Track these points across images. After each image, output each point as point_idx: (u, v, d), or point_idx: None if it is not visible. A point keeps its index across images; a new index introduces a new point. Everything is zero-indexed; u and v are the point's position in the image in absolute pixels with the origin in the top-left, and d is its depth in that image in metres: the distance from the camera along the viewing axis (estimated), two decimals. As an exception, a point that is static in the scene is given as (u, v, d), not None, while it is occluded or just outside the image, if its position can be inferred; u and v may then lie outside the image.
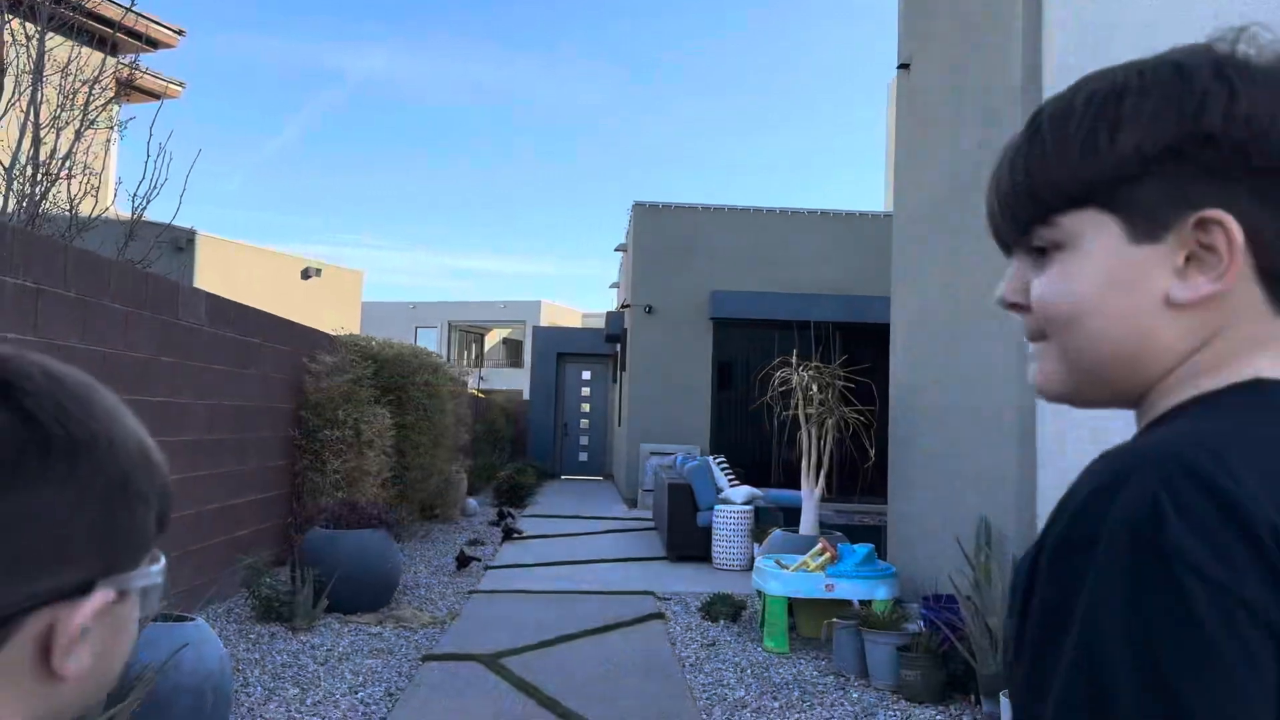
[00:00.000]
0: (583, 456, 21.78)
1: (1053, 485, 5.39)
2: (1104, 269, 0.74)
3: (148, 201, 6.40)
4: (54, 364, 0.65)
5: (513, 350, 48.56)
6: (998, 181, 0.80)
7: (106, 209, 6.89)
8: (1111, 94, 0.74)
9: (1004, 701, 4.22)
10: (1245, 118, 0.70)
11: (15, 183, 6.03)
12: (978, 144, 6.30)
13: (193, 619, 4.00)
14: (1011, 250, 0.82)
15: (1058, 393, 0.81)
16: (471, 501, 13.61)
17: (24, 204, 5.92)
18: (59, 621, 0.59)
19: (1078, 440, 5.17)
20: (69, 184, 6.25)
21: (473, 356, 44.71)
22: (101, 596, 0.61)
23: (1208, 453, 0.62)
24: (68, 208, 6.22)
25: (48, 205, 6.05)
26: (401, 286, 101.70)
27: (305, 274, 17.80)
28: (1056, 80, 5.42)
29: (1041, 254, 0.78)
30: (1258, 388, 0.70)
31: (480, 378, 33.12)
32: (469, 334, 45.80)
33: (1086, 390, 0.79)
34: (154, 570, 0.67)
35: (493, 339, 48.28)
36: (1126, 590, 0.59)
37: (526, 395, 24.17)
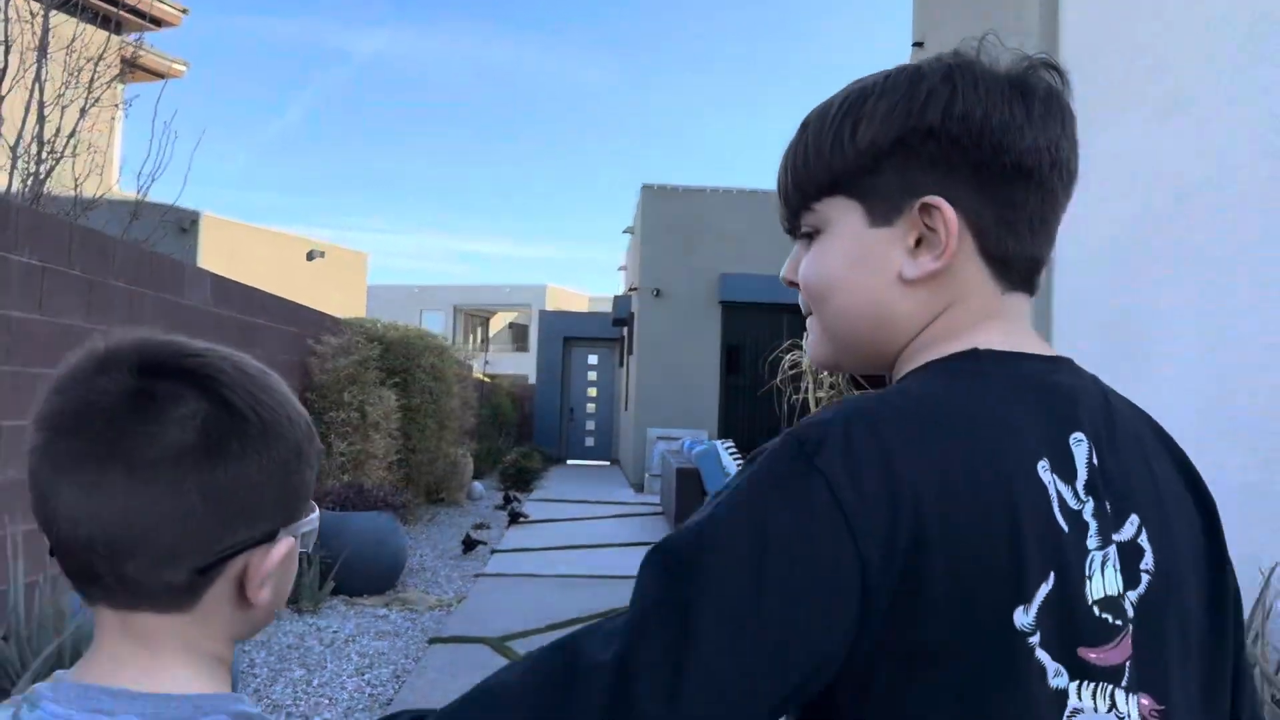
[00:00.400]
0: (589, 441, 21.77)
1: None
2: (848, 250, 0.82)
3: (152, 180, 6.36)
4: (238, 356, 0.80)
5: (518, 334, 48.56)
6: (778, 175, 0.89)
7: (111, 188, 6.85)
8: (859, 95, 0.82)
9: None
10: (961, 115, 0.77)
11: (20, 160, 5.99)
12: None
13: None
14: (794, 235, 0.91)
15: (822, 361, 0.90)
16: (477, 485, 13.60)
17: (29, 182, 5.88)
18: (252, 564, 0.77)
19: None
20: (73, 162, 6.21)
21: (478, 340, 44.72)
22: (285, 544, 0.78)
23: (889, 409, 0.72)
24: (72, 186, 6.18)
25: (52, 184, 6.01)
26: (406, 270, 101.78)
27: (310, 256, 17.76)
28: (1072, 57, 5.35)
29: (809, 238, 0.87)
30: (973, 356, 0.79)
31: (486, 362, 33.10)
32: (474, 318, 45.78)
33: (844, 358, 0.88)
34: (314, 517, 0.83)
35: (498, 323, 48.27)
36: (769, 466, 0.71)
37: (532, 379, 24.15)
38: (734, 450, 11.24)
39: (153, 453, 0.71)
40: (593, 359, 21.94)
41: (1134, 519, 0.77)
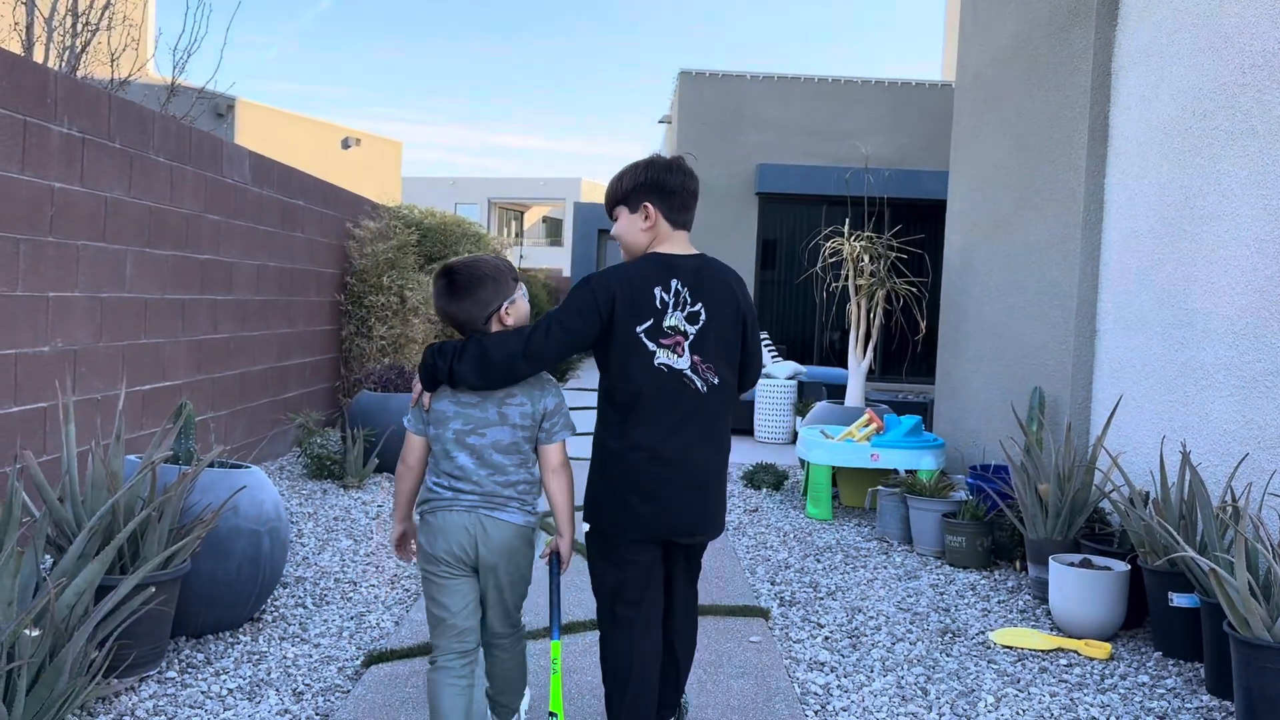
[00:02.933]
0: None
1: (1110, 357, 5.27)
2: (625, 223, 2.78)
3: (188, 56, 6.27)
4: (471, 257, 2.79)
5: (553, 229, 48.26)
6: (605, 195, 2.86)
7: (147, 62, 6.76)
8: (630, 169, 2.77)
9: (1052, 566, 4.20)
10: (654, 180, 2.73)
11: (55, 34, 5.91)
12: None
13: (248, 467, 4.05)
14: (610, 218, 2.85)
15: (625, 260, 2.81)
16: (514, 374, 13.69)
17: (65, 56, 5.81)
18: (504, 311, 2.71)
19: (1140, 312, 5.01)
20: (109, 36, 6.12)
21: (512, 234, 44.52)
22: (520, 294, 2.76)
23: (614, 269, 2.69)
24: (108, 60, 6.10)
25: (88, 60, 5.94)
26: (440, 163, 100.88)
27: (345, 144, 17.62)
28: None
29: (613, 219, 2.83)
30: (649, 256, 2.72)
31: (521, 256, 32.95)
32: (509, 211, 45.50)
33: (628, 259, 2.79)
34: (520, 289, 2.78)
35: (532, 217, 47.96)
36: (577, 286, 2.69)
37: (567, 273, 24.07)
38: (769, 342, 11.19)
39: (460, 293, 2.67)
40: (628, 252, 21.80)
41: (700, 305, 2.68)
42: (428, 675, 2.65)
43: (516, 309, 2.70)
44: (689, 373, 2.64)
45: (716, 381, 2.68)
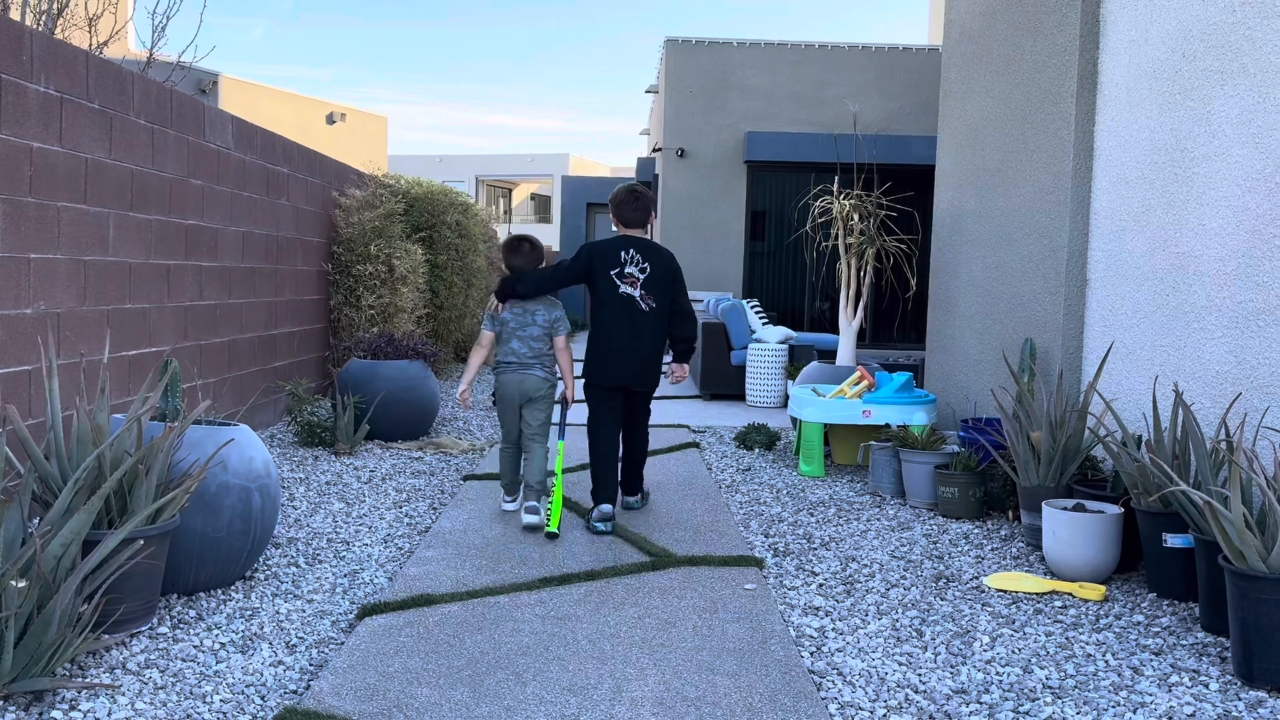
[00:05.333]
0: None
1: (1102, 306, 5.25)
2: (612, 223, 5.18)
3: (167, 19, 6.16)
4: (519, 234, 5.13)
5: (541, 206, 48.06)
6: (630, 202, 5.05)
7: (125, 24, 6.66)
8: (610, 199, 5.08)
9: (1046, 511, 4.20)
10: (614, 206, 5.01)
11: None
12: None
13: (235, 424, 4.01)
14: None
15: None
16: (504, 346, 13.66)
17: (41, 20, 5.71)
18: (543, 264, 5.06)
19: (1131, 259, 4.99)
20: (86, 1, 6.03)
21: (501, 211, 44.31)
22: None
23: (599, 241, 4.90)
24: (85, 25, 6.01)
25: (65, 22, 5.84)
26: (426, 143, 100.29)
27: (330, 119, 17.47)
28: None
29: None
30: (621, 237, 4.91)
31: (510, 233, 32.80)
32: (497, 188, 45.28)
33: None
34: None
35: (521, 194, 47.75)
36: (578, 250, 4.99)
37: (556, 249, 23.98)
38: (759, 308, 11.17)
39: (530, 253, 5.01)
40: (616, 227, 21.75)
41: (647, 263, 4.83)
42: (498, 449, 5.61)
43: (546, 263, 5.06)
44: (638, 298, 4.84)
45: (655, 305, 4.87)
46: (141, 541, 3.18)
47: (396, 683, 2.95)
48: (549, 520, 4.66)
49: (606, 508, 4.75)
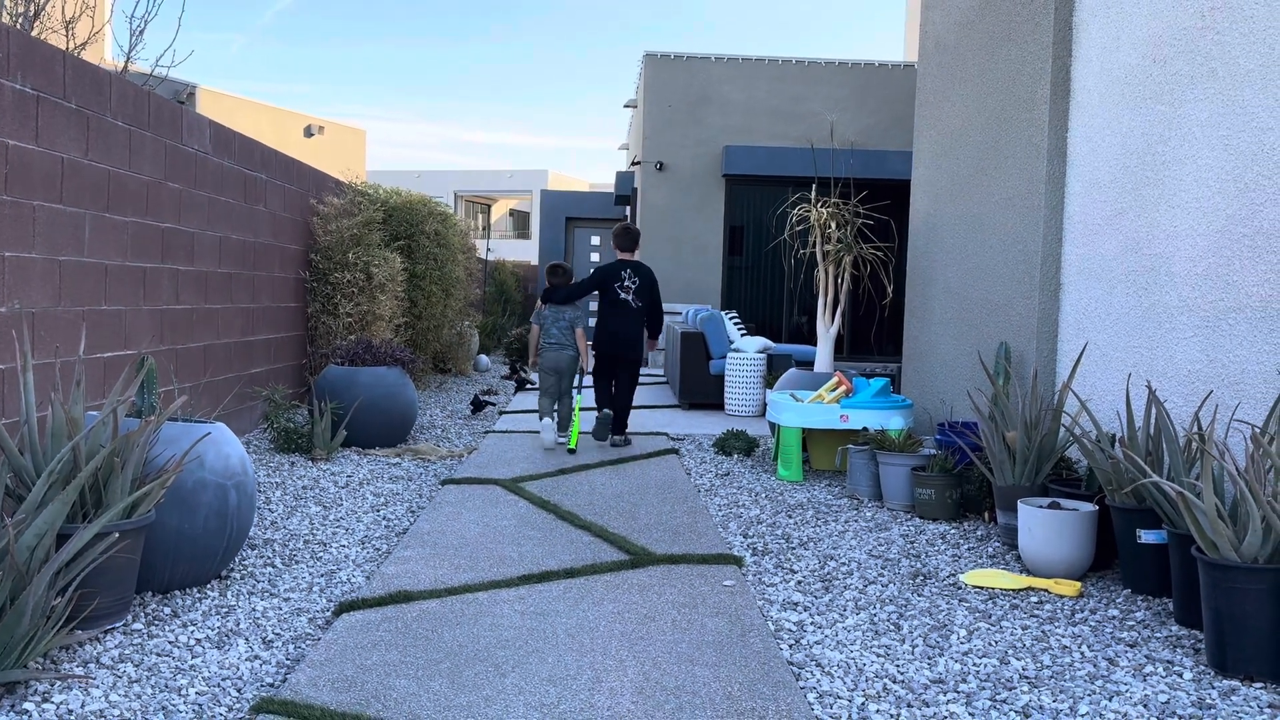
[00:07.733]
0: (593, 320, 21.72)
1: (1075, 308, 5.31)
2: (615, 249, 7.60)
3: (145, 22, 6.15)
4: (556, 262, 7.57)
5: (520, 222, 48.06)
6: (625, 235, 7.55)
7: (103, 27, 6.64)
8: (624, 228, 7.49)
9: (1021, 509, 4.23)
10: (614, 238, 7.49)
11: (9, 1, 5.79)
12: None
13: (211, 423, 3.99)
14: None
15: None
16: (484, 358, 13.64)
17: (19, 22, 5.69)
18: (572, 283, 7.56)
19: (1103, 261, 5.06)
20: (63, 4, 6.00)
21: (480, 227, 44.27)
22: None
23: (607, 264, 7.37)
24: (62, 28, 5.98)
25: (41, 25, 5.82)
26: (405, 161, 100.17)
27: (308, 132, 17.43)
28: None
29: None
30: (620, 260, 7.38)
31: (489, 249, 32.70)
32: (476, 204, 45.26)
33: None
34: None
35: (500, 210, 47.74)
36: (592, 272, 7.52)
37: (535, 262, 23.95)
38: (737, 319, 11.21)
39: (566, 276, 7.49)
40: (595, 240, 21.75)
41: (637, 278, 7.27)
42: (538, 404, 7.30)
43: (573, 284, 7.28)
44: (631, 301, 7.17)
45: (640, 305, 7.23)
46: (116, 535, 3.15)
47: (374, 674, 2.93)
48: (569, 441, 7.02)
49: (606, 412, 7.29)
